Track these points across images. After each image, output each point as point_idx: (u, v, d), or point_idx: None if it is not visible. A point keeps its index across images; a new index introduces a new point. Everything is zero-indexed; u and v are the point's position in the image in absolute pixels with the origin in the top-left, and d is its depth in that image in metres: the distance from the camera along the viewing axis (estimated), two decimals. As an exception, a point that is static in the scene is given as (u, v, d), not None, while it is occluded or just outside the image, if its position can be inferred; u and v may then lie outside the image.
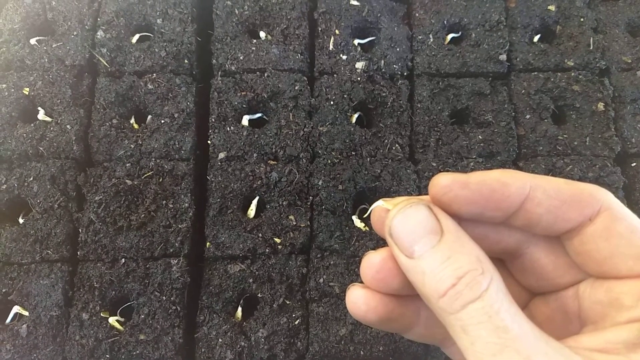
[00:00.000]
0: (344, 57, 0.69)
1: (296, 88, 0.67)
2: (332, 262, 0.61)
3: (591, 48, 0.70)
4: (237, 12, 0.69)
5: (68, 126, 0.64)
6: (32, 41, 0.68)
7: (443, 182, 0.29)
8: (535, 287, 0.34)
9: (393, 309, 0.32)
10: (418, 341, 0.36)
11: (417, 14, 0.72)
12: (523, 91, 0.69)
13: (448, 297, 0.27)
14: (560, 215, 0.29)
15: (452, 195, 0.29)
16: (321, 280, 0.60)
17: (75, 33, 0.68)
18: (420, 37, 0.71)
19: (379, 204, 0.31)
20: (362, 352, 0.58)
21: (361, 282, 0.33)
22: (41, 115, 0.65)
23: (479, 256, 0.27)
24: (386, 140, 0.67)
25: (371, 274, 0.31)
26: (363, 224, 0.63)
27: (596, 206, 0.29)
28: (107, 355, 0.57)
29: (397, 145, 0.67)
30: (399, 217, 0.29)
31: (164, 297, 0.59)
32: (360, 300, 0.32)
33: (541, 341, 0.25)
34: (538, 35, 0.72)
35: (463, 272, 0.27)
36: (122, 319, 0.59)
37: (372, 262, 0.31)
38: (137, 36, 0.69)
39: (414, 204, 0.29)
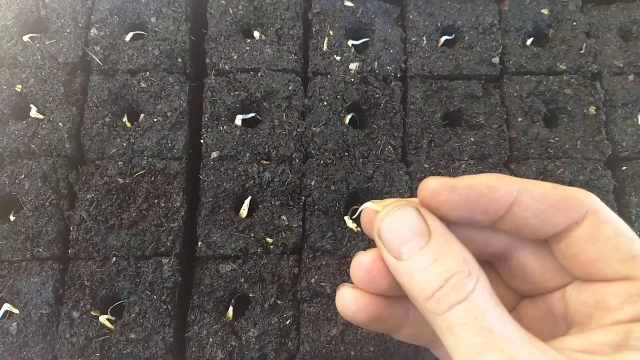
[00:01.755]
0: (338, 58, 0.69)
1: (290, 88, 0.67)
2: (323, 263, 0.61)
3: (583, 52, 0.71)
4: (231, 11, 0.69)
5: (60, 124, 0.64)
6: (25, 38, 0.68)
7: (431, 185, 0.29)
8: (523, 290, 0.34)
9: (382, 310, 0.32)
10: (407, 342, 0.36)
11: (410, 16, 0.72)
12: (515, 94, 0.69)
13: (435, 298, 0.27)
14: (547, 218, 0.29)
15: (441, 199, 0.29)
16: (313, 280, 0.60)
17: (68, 30, 0.68)
18: (413, 39, 0.71)
19: (368, 206, 0.32)
20: (352, 353, 0.58)
21: (352, 282, 0.33)
22: (33, 112, 0.65)
23: (465, 258, 0.28)
24: (379, 142, 0.67)
25: (360, 274, 0.32)
26: (355, 225, 0.63)
27: (582, 210, 0.29)
28: (97, 354, 0.57)
29: (389, 146, 0.67)
30: (387, 218, 0.29)
31: (155, 296, 0.59)
32: (349, 300, 0.32)
33: (526, 341, 0.25)
34: (531, 39, 0.73)
35: (450, 274, 0.27)
36: (113, 318, 0.59)
37: (361, 262, 0.31)
38: (130, 34, 0.68)
39: (402, 206, 0.29)
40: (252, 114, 0.67)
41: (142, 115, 0.66)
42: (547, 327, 0.32)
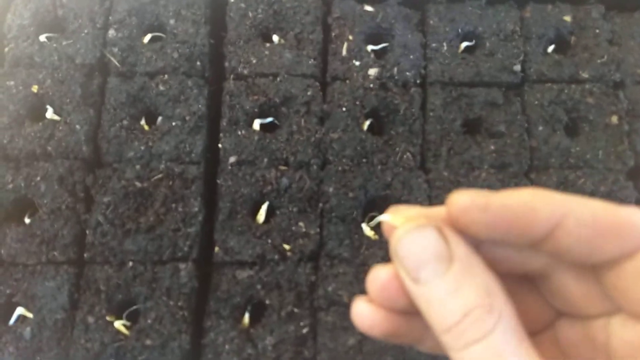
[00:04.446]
0: (357, 63, 0.68)
1: (309, 93, 0.66)
2: (341, 271, 0.60)
3: (605, 60, 0.70)
4: (250, 15, 0.69)
5: (77, 126, 0.63)
6: (42, 38, 0.67)
7: (461, 203, 0.26)
8: (562, 310, 0.32)
9: (399, 326, 0.30)
10: (430, 353, 0.35)
11: (431, 22, 0.71)
12: (536, 102, 0.68)
13: (452, 333, 0.25)
14: (594, 247, 0.26)
15: (470, 218, 0.26)
16: (330, 288, 0.60)
17: (86, 31, 0.67)
18: (434, 44, 0.70)
19: (385, 219, 0.29)
20: (370, 363, 0.57)
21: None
22: (50, 114, 0.64)
23: (489, 289, 0.26)
24: (397, 149, 0.66)
25: (376, 290, 0.29)
26: (373, 232, 0.63)
27: (637, 239, 0.26)
28: (113, 360, 0.57)
29: (408, 153, 0.66)
30: (406, 238, 0.27)
31: (172, 302, 0.58)
32: (364, 315, 0.30)
33: None
34: (552, 46, 0.72)
35: (469, 308, 0.25)
36: (129, 323, 0.58)
37: (378, 277, 0.29)
38: (149, 36, 0.68)
39: (422, 225, 0.27)
40: (270, 119, 0.67)
41: (160, 118, 0.66)
42: (586, 351, 0.30)
